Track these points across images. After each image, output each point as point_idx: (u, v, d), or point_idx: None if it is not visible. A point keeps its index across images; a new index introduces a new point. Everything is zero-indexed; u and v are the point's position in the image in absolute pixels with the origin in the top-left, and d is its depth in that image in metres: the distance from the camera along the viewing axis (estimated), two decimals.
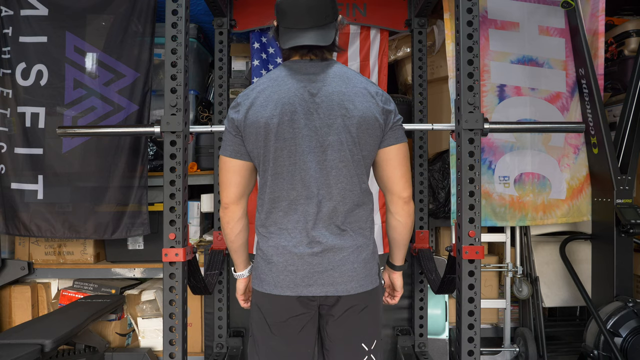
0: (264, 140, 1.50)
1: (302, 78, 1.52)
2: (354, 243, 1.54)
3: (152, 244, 3.03)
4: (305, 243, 1.51)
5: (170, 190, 1.95)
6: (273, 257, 1.53)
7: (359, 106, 1.50)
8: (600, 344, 2.47)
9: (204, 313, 2.97)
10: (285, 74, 1.54)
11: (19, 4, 2.86)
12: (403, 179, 1.59)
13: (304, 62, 1.55)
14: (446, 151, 3.04)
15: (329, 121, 1.49)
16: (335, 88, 1.51)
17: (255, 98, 1.52)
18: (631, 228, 2.55)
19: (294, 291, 1.51)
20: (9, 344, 2.20)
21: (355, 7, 2.92)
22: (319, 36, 1.51)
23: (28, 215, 2.87)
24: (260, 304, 1.58)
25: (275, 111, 1.48)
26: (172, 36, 1.97)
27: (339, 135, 1.50)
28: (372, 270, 1.58)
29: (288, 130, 1.49)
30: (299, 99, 1.49)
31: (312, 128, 1.49)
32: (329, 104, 1.50)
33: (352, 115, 1.50)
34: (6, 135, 2.89)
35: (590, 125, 2.79)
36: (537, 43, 2.89)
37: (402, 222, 1.63)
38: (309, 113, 1.49)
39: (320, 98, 1.50)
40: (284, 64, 1.58)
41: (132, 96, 2.88)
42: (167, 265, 1.94)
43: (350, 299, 1.54)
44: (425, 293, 2.86)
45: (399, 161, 1.58)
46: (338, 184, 1.52)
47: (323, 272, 1.51)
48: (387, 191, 1.62)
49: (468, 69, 1.95)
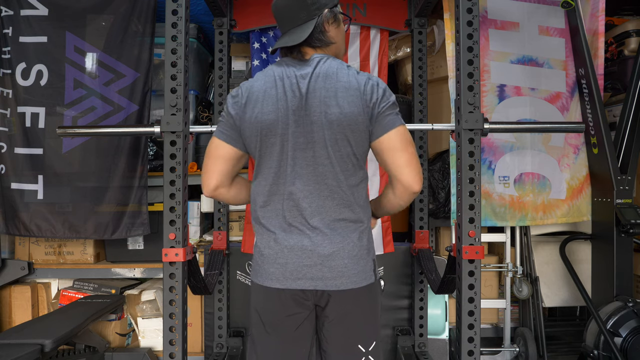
0: (259, 136, 1.54)
1: (290, 76, 1.56)
2: (345, 239, 1.53)
3: (152, 244, 3.03)
4: (295, 237, 1.54)
5: (170, 190, 1.95)
6: (265, 249, 1.57)
7: (341, 102, 1.49)
8: (600, 344, 2.47)
9: (204, 313, 2.97)
10: (276, 73, 1.58)
11: (19, 4, 2.86)
12: (408, 168, 1.50)
13: (291, 60, 1.60)
14: (446, 151, 3.04)
15: (312, 118, 1.51)
16: (317, 85, 1.52)
17: (252, 93, 1.57)
18: (631, 228, 2.55)
19: (283, 284, 1.53)
20: (9, 344, 2.20)
21: (355, 7, 2.92)
22: (291, 36, 1.58)
23: (28, 215, 2.87)
24: (256, 300, 1.60)
25: (269, 108, 1.53)
26: (172, 36, 1.97)
27: (322, 132, 1.51)
28: (365, 266, 1.55)
29: (280, 127, 1.52)
30: (289, 97, 1.53)
31: (300, 125, 1.52)
32: (312, 102, 1.52)
33: (333, 112, 1.49)
34: (6, 135, 2.89)
35: (590, 125, 2.79)
36: (537, 43, 2.89)
37: (400, 204, 1.63)
38: (297, 110, 1.53)
39: (305, 96, 1.53)
40: (277, 62, 1.64)
41: (132, 96, 2.88)
42: (167, 265, 1.94)
43: (343, 296, 1.52)
44: (425, 293, 2.86)
45: (397, 148, 1.50)
46: (326, 180, 1.52)
47: (312, 266, 1.52)
48: (395, 180, 1.55)
49: (468, 69, 1.95)
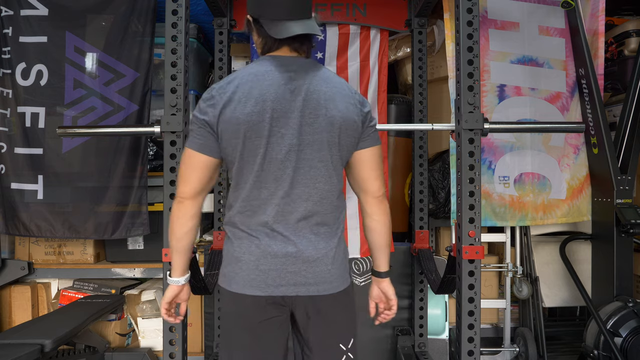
0: (242, 138, 1.44)
1: (284, 74, 1.47)
2: (328, 244, 1.51)
3: (152, 244, 3.03)
4: (280, 243, 1.47)
5: (171, 190, 1.96)
6: (244, 255, 1.48)
7: (340, 106, 1.48)
8: (600, 344, 2.47)
9: (204, 313, 2.97)
10: (267, 69, 1.47)
11: (19, 4, 2.86)
12: (378, 180, 1.58)
13: (288, 58, 1.51)
14: (446, 151, 3.04)
15: (309, 120, 1.45)
16: (316, 87, 1.47)
17: (233, 93, 1.44)
18: (631, 228, 2.55)
19: (265, 291, 1.46)
20: (9, 344, 2.20)
21: (355, 7, 2.92)
22: (309, 27, 1.46)
23: (28, 215, 2.87)
24: (229, 307, 1.53)
25: (255, 108, 1.42)
26: (172, 36, 1.97)
27: (320, 134, 1.46)
28: (344, 271, 1.55)
29: (267, 127, 1.43)
30: (280, 96, 1.45)
31: (292, 126, 1.45)
32: (311, 103, 1.46)
33: (333, 115, 1.47)
34: (6, 135, 2.89)
35: (590, 125, 2.79)
36: (537, 43, 2.89)
37: (380, 221, 1.59)
38: (289, 111, 1.45)
39: (301, 96, 1.46)
40: (266, 58, 1.51)
41: (132, 96, 2.88)
42: (167, 265, 1.94)
43: (325, 300, 1.51)
44: (425, 293, 2.86)
45: (375, 163, 1.57)
46: (317, 183, 1.48)
47: (297, 272, 1.47)
48: (362, 192, 1.59)
49: (468, 69, 1.95)
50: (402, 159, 3.20)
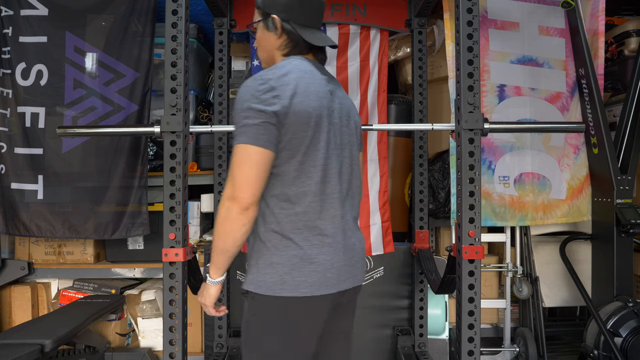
0: (312, 131, 1.40)
1: (323, 77, 1.53)
2: (361, 236, 1.62)
3: (152, 244, 3.03)
4: (347, 238, 1.51)
5: (170, 190, 1.95)
6: (318, 256, 1.41)
7: (354, 113, 1.64)
8: (600, 344, 2.47)
9: (204, 313, 2.97)
10: (310, 68, 1.48)
11: (19, 4, 2.86)
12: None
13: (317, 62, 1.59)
14: (446, 151, 3.04)
15: (345, 122, 1.56)
16: (342, 94, 1.61)
17: (296, 85, 1.39)
18: (631, 228, 2.55)
19: (336, 287, 1.45)
20: (9, 344, 2.20)
21: (355, 7, 2.92)
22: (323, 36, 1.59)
23: (28, 215, 2.87)
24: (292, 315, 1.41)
25: (317, 102, 1.42)
26: (172, 36, 1.97)
27: (353, 136, 1.60)
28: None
29: (326, 124, 1.45)
30: (327, 96, 1.48)
31: (338, 125, 1.53)
32: (344, 107, 1.57)
33: (356, 120, 1.65)
34: (6, 135, 2.89)
35: (590, 125, 2.79)
36: (537, 43, 2.89)
37: None
38: (334, 111, 1.52)
39: (338, 99, 1.55)
40: (301, 58, 1.51)
41: (132, 96, 2.88)
42: (167, 265, 1.94)
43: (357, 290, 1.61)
44: (425, 293, 2.86)
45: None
46: (357, 180, 1.62)
47: (354, 265, 1.54)
48: None
49: (468, 69, 1.95)
50: (402, 159, 3.20)
